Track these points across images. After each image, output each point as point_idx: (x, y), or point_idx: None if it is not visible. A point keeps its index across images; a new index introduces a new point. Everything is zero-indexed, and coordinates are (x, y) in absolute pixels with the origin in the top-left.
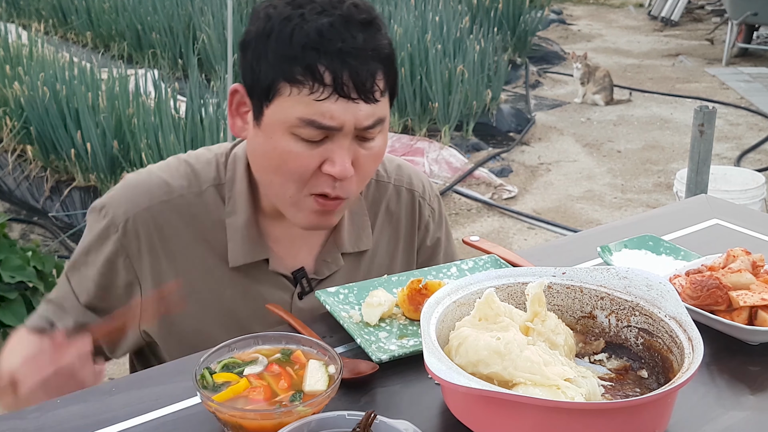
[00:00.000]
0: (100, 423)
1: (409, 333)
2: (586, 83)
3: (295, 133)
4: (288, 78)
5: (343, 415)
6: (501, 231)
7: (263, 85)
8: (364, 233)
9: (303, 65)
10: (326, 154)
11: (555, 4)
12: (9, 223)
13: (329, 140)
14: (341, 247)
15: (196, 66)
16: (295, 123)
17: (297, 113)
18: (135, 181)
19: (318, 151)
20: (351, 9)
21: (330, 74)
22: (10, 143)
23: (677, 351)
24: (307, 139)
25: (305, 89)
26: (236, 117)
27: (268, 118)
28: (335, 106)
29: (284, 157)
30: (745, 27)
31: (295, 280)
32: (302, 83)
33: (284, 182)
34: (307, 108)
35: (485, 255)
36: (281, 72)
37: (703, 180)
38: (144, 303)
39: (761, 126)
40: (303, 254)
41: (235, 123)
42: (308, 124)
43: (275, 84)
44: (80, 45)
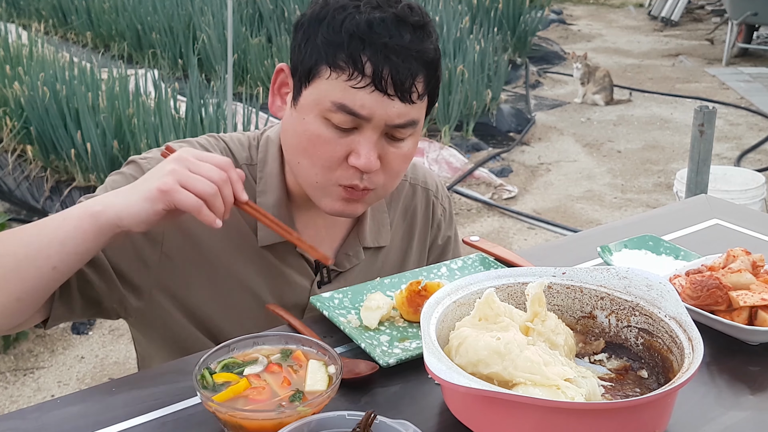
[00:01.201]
0: (100, 423)
1: (410, 335)
2: (586, 83)
3: (326, 117)
4: (330, 62)
5: (343, 415)
6: (501, 231)
7: (306, 66)
8: (383, 229)
9: (347, 52)
10: (353, 146)
11: (555, 4)
12: (9, 223)
13: (357, 132)
14: (363, 241)
15: (196, 66)
16: (328, 106)
17: (331, 96)
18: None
19: (345, 140)
20: (405, 10)
21: (371, 66)
22: (10, 143)
23: (677, 351)
24: (337, 125)
25: (344, 75)
26: (276, 96)
27: (304, 99)
28: (369, 97)
29: (313, 140)
30: (745, 27)
31: (316, 268)
32: (342, 69)
33: (311, 166)
34: (341, 93)
35: (473, 253)
36: (325, 55)
37: (703, 180)
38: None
39: (761, 126)
40: (325, 245)
41: (275, 101)
42: (339, 108)
43: (317, 66)
44: (80, 45)
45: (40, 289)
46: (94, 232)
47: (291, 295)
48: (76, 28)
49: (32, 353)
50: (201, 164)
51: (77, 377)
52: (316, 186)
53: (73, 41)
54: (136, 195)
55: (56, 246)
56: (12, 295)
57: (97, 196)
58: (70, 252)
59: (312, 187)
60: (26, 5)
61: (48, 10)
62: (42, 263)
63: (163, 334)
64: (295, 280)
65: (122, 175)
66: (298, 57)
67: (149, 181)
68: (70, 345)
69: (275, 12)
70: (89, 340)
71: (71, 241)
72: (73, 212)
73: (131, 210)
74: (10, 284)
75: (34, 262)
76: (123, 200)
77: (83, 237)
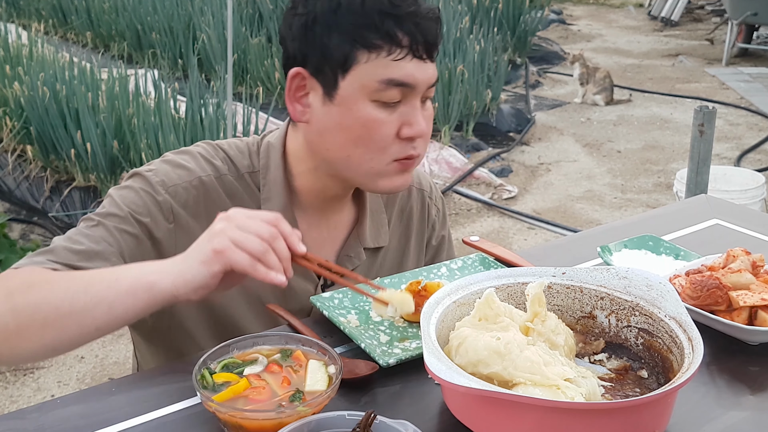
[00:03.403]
0: (100, 423)
1: (410, 335)
2: (586, 84)
3: (375, 99)
4: (366, 44)
5: (343, 415)
6: (501, 231)
7: (338, 56)
8: (382, 229)
9: (381, 30)
10: (402, 118)
11: (555, 4)
12: (9, 223)
13: (402, 104)
14: (363, 242)
15: (196, 66)
16: (376, 87)
17: (378, 76)
18: (179, 157)
19: (395, 116)
20: None
21: (407, 37)
22: (10, 143)
23: (677, 351)
24: (387, 101)
25: (383, 52)
26: (295, 102)
27: (345, 90)
28: (410, 65)
29: (368, 125)
30: (745, 27)
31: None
32: (380, 47)
33: (365, 153)
34: (386, 69)
35: (473, 253)
36: (358, 40)
37: (703, 180)
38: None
39: (761, 126)
40: (327, 248)
41: (295, 108)
42: (389, 83)
43: (352, 52)
44: (80, 45)
45: (75, 343)
46: (146, 301)
47: (295, 302)
48: (76, 28)
49: None
50: (250, 222)
51: (77, 377)
52: (372, 172)
53: (73, 41)
54: (189, 260)
55: (104, 308)
56: (45, 344)
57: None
58: (117, 316)
59: (366, 174)
60: (26, 5)
61: (48, 10)
62: (86, 323)
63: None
64: (299, 285)
65: (131, 189)
66: (324, 51)
67: (201, 245)
68: None
69: (275, 12)
70: None
71: (120, 307)
72: (125, 275)
73: (187, 277)
74: (47, 335)
75: (78, 320)
76: (177, 268)
77: (133, 304)
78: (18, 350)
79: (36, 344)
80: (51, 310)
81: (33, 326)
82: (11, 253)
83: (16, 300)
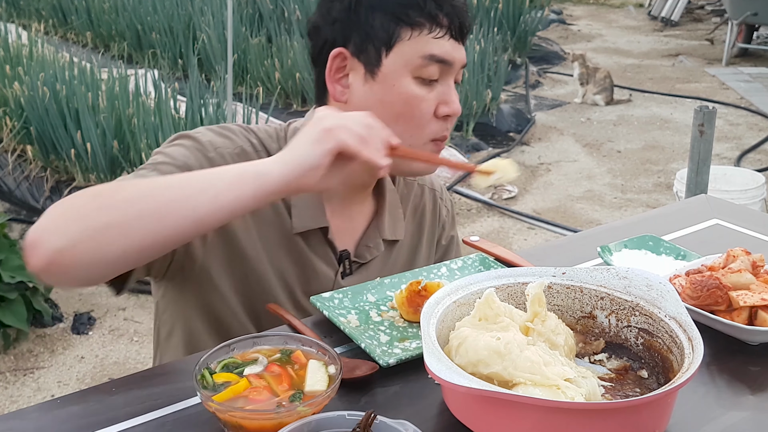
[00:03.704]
0: (100, 423)
1: (410, 335)
2: (585, 84)
3: (416, 75)
4: (409, 22)
5: (343, 415)
6: (501, 231)
7: (381, 35)
8: (399, 223)
9: (423, 10)
10: (439, 97)
11: (555, 4)
12: (9, 223)
13: (439, 83)
14: (382, 233)
15: (196, 66)
16: (419, 62)
17: (420, 52)
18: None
19: (433, 94)
20: None
21: (445, 17)
22: (10, 143)
23: (677, 351)
24: (427, 77)
25: (425, 30)
26: (334, 83)
27: (387, 67)
28: (448, 44)
29: (409, 101)
30: (745, 27)
31: (339, 259)
32: (422, 25)
33: (405, 130)
34: (428, 45)
35: (473, 253)
36: (402, 17)
37: (703, 180)
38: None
39: (761, 126)
40: (347, 237)
41: (335, 89)
42: (430, 59)
43: (396, 30)
44: (80, 45)
45: (171, 239)
46: (254, 189)
47: (316, 284)
48: (76, 28)
49: (32, 353)
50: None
51: (77, 377)
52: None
53: (73, 41)
54: (298, 145)
55: (208, 196)
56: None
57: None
58: (222, 206)
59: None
60: (26, 5)
61: (48, 10)
62: (186, 213)
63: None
64: (322, 269)
65: (182, 146)
66: (368, 31)
67: (308, 130)
68: (70, 345)
69: (275, 12)
70: (89, 340)
71: (226, 195)
72: (228, 168)
73: (299, 159)
74: (141, 229)
75: (177, 209)
76: (285, 155)
77: (240, 193)
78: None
79: (125, 241)
80: (148, 201)
81: (128, 220)
82: (11, 253)
83: (103, 197)
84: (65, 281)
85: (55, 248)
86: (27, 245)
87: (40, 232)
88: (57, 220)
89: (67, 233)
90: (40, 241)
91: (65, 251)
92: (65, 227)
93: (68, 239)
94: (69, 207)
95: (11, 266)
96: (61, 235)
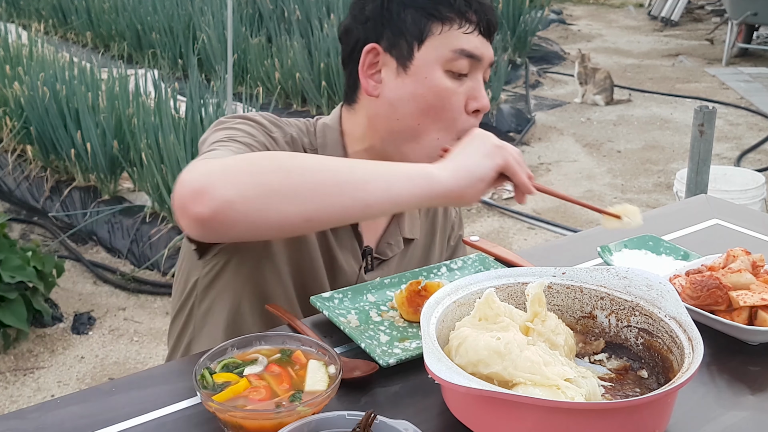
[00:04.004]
0: (100, 423)
1: (410, 335)
2: (585, 84)
3: (447, 69)
4: (440, 17)
5: (343, 415)
6: (501, 231)
7: (413, 29)
8: (416, 222)
9: (453, 6)
10: (470, 92)
11: (555, 4)
12: (9, 223)
13: (468, 78)
14: (402, 231)
15: (196, 66)
16: (450, 56)
17: (451, 45)
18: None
19: (463, 89)
20: None
21: (474, 14)
22: (10, 143)
23: (677, 351)
24: (457, 71)
25: (455, 25)
26: (367, 78)
27: (419, 60)
28: (477, 40)
29: (441, 94)
30: (745, 27)
31: (363, 254)
32: (453, 20)
33: (435, 121)
34: (458, 40)
35: (473, 253)
36: (433, 13)
37: (703, 180)
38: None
39: (761, 126)
40: (369, 233)
41: (368, 83)
42: (460, 53)
43: (427, 25)
44: (80, 45)
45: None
46: (423, 188)
47: (342, 278)
48: (76, 28)
49: (32, 353)
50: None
51: (77, 377)
52: (436, 145)
53: (73, 41)
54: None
55: (381, 184)
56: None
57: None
58: (391, 197)
59: (429, 147)
60: (26, 5)
61: (48, 10)
62: (359, 195)
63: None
64: (349, 263)
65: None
66: (401, 26)
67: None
68: (70, 345)
69: (275, 12)
70: (89, 340)
71: (397, 187)
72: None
73: (470, 167)
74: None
75: (350, 190)
76: (453, 163)
77: (410, 188)
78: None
79: (292, 208)
80: (328, 176)
81: (301, 189)
82: (11, 253)
83: (281, 161)
84: (217, 235)
85: (226, 198)
86: (189, 190)
87: (209, 178)
88: (229, 171)
89: (240, 186)
90: (211, 188)
91: (235, 204)
92: (239, 180)
93: (240, 192)
94: (241, 161)
95: (11, 266)
96: (234, 187)
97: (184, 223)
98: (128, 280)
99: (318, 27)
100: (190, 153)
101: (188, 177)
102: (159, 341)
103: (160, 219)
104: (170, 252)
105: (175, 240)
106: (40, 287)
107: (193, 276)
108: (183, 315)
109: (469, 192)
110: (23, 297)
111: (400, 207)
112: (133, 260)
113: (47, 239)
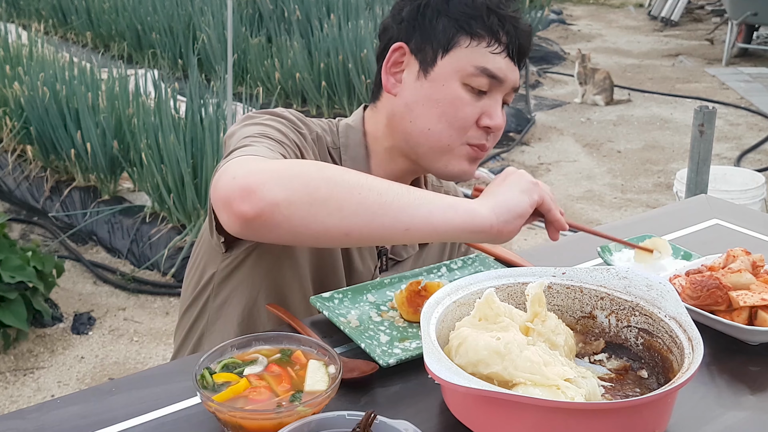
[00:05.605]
0: (100, 423)
1: (410, 335)
2: (584, 84)
3: (466, 83)
4: (470, 31)
5: (343, 415)
6: None
7: (441, 38)
8: None
9: (486, 23)
10: (485, 108)
11: (555, 4)
12: (9, 223)
13: (487, 96)
14: None
15: (196, 66)
16: (470, 71)
17: (474, 62)
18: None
19: (479, 104)
20: None
21: (505, 35)
22: (10, 143)
23: (677, 351)
24: (475, 87)
25: (483, 42)
26: (389, 76)
27: (441, 68)
28: (503, 62)
29: (455, 103)
30: (745, 27)
31: (378, 255)
32: (482, 37)
33: (445, 128)
34: (483, 57)
35: (473, 253)
36: (464, 26)
37: (703, 180)
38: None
39: (761, 126)
40: None
41: (388, 80)
42: (481, 71)
43: (456, 36)
44: (80, 45)
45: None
46: (464, 220)
47: (358, 278)
48: (76, 28)
49: (32, 353)
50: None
51: (77, 377)
52: (446, 149)
53: (73, 41)
54: (505, 192)
55: (424, 211)
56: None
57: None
58: (432, 225)
59: (441, 150)
60: (26, 5)
61: (48, 10)
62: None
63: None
64: (365, 263)
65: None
66: (431, 32)
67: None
68: (70, 345)
69: (275, 12)
70: (89, 340)
71: (440, 217)
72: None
73: (510, 203)
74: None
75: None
76: (493, 200)
77: (452, 218)
78: (315, 218)
79: (336, 221)
80: (373, 195)
81: (347, 203)
82: (11, 253)
83: (330, 172)
84: (257, 235)
85: (274, 200)
86: (239, 186)
87: (261, 177)
88: (281, 174)
89: (288, 190)
90: (262, 188)
91: (282, 207)
92: (289, 183)
93: (288, 197)
94: (293, 166)
95: (11, 266)
96: (283, 190)
97: (226, 217)
98: (128, 280)
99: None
100: (190, 153)
101: (238, 172)
102: (159, 341)
103: (160, 219)
104: (170, 252)
105: (175, 240)
106: (40, 287)
107: (210, 269)
108: (196, 308)
109: (507, 228)
110: (23, 297)
111: (439, 236)
112: (133, 260)
113: (47, 239)
